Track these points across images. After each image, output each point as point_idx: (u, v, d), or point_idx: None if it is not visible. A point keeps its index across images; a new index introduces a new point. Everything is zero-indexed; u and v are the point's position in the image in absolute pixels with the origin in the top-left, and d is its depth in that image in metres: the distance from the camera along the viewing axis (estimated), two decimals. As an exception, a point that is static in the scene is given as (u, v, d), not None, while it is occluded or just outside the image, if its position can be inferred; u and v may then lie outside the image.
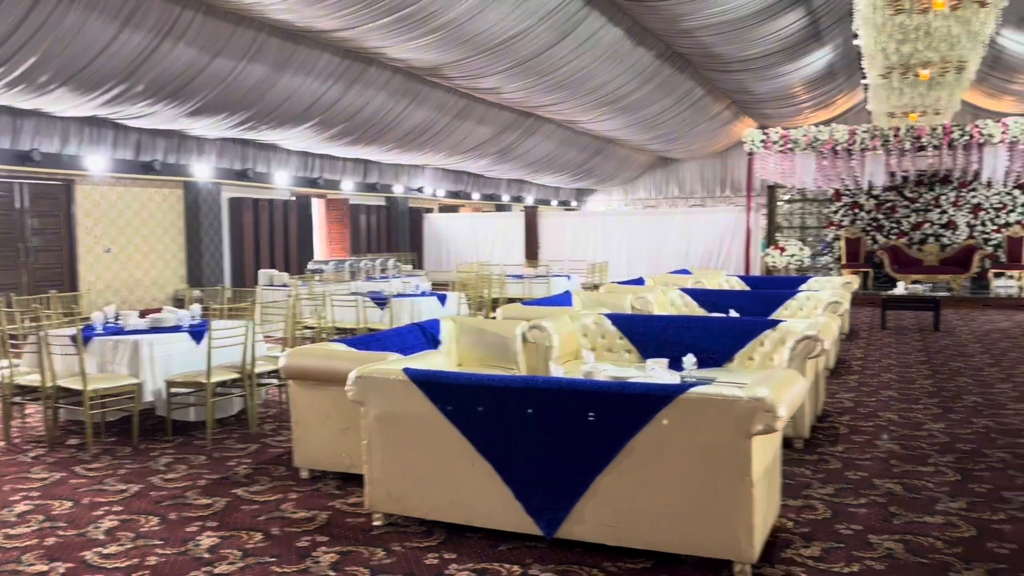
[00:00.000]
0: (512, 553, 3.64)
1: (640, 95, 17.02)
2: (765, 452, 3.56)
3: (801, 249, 16.89)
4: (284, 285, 11.54)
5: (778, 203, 18.45)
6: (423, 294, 9.73)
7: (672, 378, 4.90)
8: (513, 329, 6.06)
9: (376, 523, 4.01)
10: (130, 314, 6.69)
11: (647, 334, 6.35)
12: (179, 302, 13.98)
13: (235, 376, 5.89)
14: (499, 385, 3.68)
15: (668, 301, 9.06)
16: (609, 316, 6.55)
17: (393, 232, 21.57)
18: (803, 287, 10.76)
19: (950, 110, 16.03)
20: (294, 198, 17.95)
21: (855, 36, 12.00)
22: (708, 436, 3.40)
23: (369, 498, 4.02)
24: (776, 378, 3.77)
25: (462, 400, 3.75)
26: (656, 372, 5.04)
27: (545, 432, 3.63)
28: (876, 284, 16.05)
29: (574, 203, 30.05)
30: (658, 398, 3.47)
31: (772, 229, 18.45)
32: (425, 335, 5.75)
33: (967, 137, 14.55)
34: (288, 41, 11.54)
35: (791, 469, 4.90)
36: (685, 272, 13.92)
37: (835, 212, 17.43)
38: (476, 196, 24.46)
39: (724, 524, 3.37)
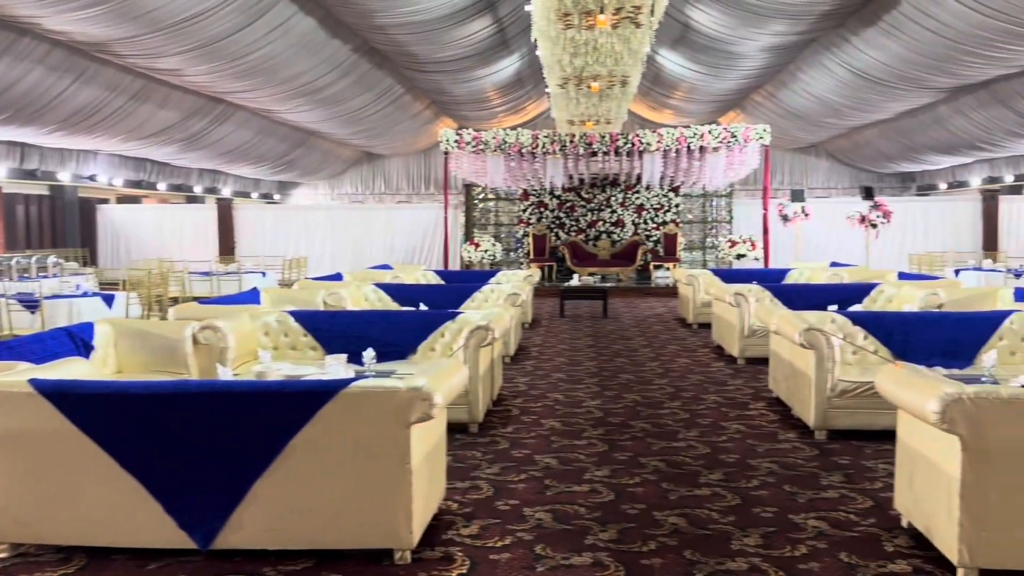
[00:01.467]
0: (162, 571, 3.39)
1: (339, 88, 16.84)
2: (426, 439, 3.68)
3: (494, 245, 17.87)
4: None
5: (475, 201, 19.34)
6: (86, 294, 8.74)
7: (349, 373, 4.90)
8: (183, 331, 5.67)
9: (1, 556, 3.51)
10: None
11: (332, 330, 6.29)
12: None
13: None
14: (143, 393, 3.40)
15: (362, 297, 9.06)
16: (292, 313, 6.38)
17: (59, 225, 19.15)
18: (492, 280, 11.35)
19: (619, 120, 17.94)
20: (-73, 184, 15.20)
21: (535, 47, 12.93)
22: (369, 428, 3.43)
23: (-10, 529, 3.51)
24: (438, 368, 3.92)
25: (100, 411, 3.41)
26: (333, 368, 4.99)
27: (198, 440, 3.43)
28: (559, 276, 17.48)
29: (277, 196, 28.97)
30: (320, 395, 3.43)
31: (470, 225, 19.30)
32: (75, 341, 5.16)
33: (629, 145, 16.35)
34: (-92, -2, 9.72)
35: (463, 453, 5.14)
36: (387, 267, 14.06)
37: (524, 211, 18.69)
38: (162, 186, 22.56)
39: (384, 514, 3.43)
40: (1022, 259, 13.86)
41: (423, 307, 8.40)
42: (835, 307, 6.43)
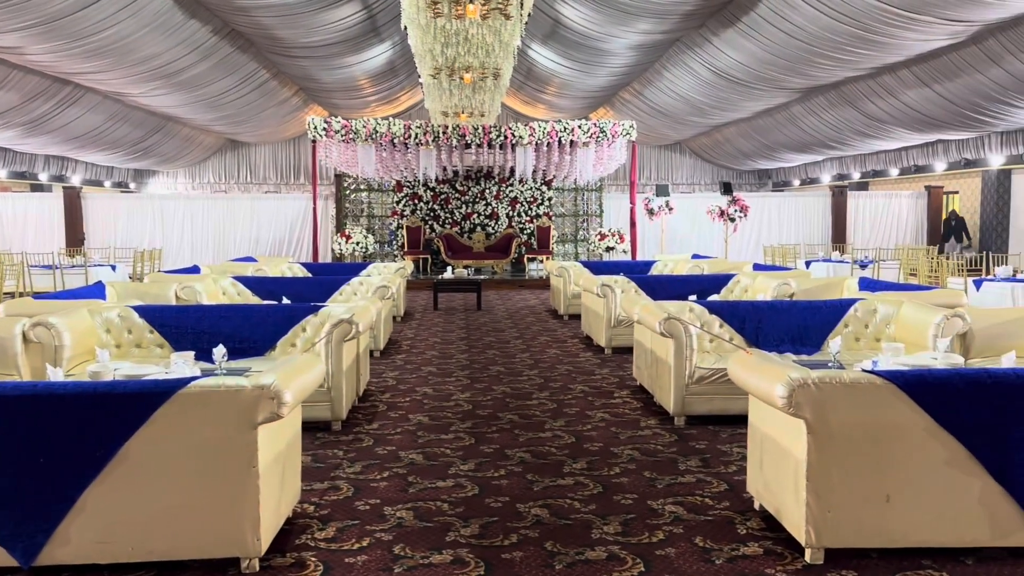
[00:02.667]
0: (-28, 596, 3.04)
1: (198, 71, 15.97)
2: (276, 440, 3.49)
3: (366, 237, 17.50)
4: None
5: (346, 192, 18.88)
6: (-98, 290, 7.88)
7: (196, 372, 4.59)
8: (12, 328, 5.18)
9: None
10: None
11: (181, 327, 5.92)
12: None
13: None
14: (-54, 397, 3.03)
15: (220, 290, 8.62)
16: (137, 308, 5.95)
17: None
18: (362, 273, 11.08)
19: (493, 113, 17.93)
20: None
21: (407, 35, 12.69)
22: (212, 430, 3.21)
23: None
24: (290, 364, 3.72)
25: None
26: (178, 367, 4.67)
27: (16, 447, 3.09)
28: (434, 269, 17.33)
29: (133, 185, 27.27)
30: (154, 396, 3.18)
31: (341, 217, 18.82)
32: None
33: (502, 138, 16.38)
34: None
35: (324, 452, 4.94)
36: (250, 260, 13.49)
37: (398, 202, 18.41)
38: (3, 173, 20.76)
39: (229, 521, 3.21)
40: (867, 251, 14.87)
41: (286, 301, 8.08)
42: (694, 297, 6.63)
